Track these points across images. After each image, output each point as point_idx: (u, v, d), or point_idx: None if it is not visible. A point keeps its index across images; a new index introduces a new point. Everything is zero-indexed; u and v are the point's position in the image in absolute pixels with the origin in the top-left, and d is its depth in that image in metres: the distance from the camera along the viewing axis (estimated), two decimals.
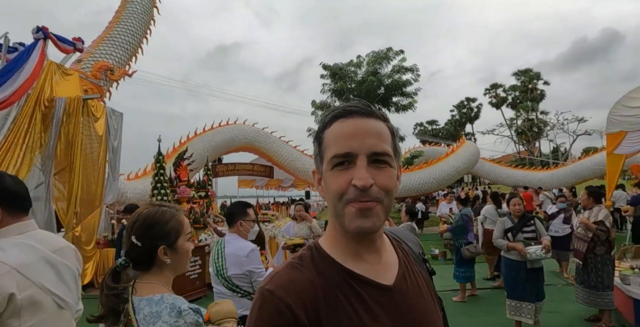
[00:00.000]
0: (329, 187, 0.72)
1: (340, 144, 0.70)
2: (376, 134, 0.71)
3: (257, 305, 0.68)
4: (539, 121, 37.84)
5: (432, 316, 0.79)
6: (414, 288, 0.79)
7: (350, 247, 0.75)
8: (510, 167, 21.35)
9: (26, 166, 6.09)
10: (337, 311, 0.68)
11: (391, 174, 0.71)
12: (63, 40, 7.27)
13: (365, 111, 0.73)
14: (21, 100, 6.19)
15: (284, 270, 0.73)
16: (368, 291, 0.72)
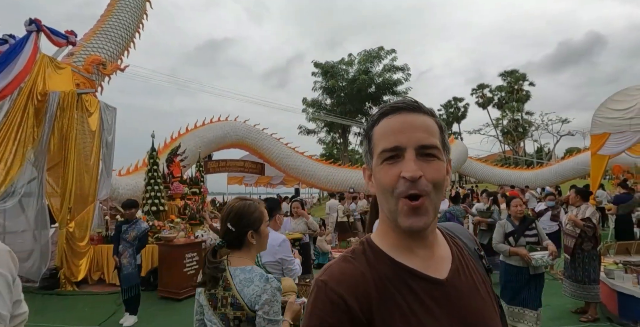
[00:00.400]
0: (379, 181, 0.73)
1: (388, 138, 0.72)
2: (423, 127, 0.73)
3: (312, 295, 0.70)
4: (524, 121, 38.60)
5: (488, 313, 0.77)
6: (468, 284, 0.78)
7: (402, 241, 0.75)
8: (497, 167, 21.78)
9: (18, 161, 6.00)
10: (389, 304, 0.68)
11: (440, 166, 0.72)
12: (56, 33, 7.15)
13: (413, 106, 0.75)
14: (14, 93, 6.08)
15: (336, 263, 0.74)
16: (421, 284, 0.72)
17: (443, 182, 0.72)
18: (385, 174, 0.71)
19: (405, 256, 0.74)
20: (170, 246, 5.88)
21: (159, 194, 7.99)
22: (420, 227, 0.70)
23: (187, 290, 5.73)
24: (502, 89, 40.40)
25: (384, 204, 0.74)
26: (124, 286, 4.66)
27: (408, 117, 0.73)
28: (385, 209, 0.75)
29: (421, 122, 0.73)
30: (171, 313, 5.12)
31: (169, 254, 5.87)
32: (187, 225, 6.98)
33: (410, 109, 0.74)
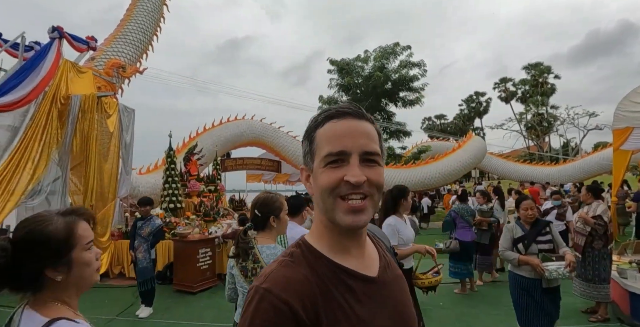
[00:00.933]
0: (320, 183, 0.74)
1: (334, 142, 0.73)
2: (367, 134, 0.75)
3: (253, 303, 0.69)
4: (549, 116, 37.37)
5: (409, 303, 0.87)
6: (392, 279, 0.85)
7: (338, 241, 0.78)
8: (518, 163, 21.24)
9: (44, 161, 6.36)
10: (332, 305, 0.70)
11: (381, 171, 0.76)
12: (77, 39, 7.50)
13: (358, 113, 0.77)
14: (39, 98, 6.44)
15: (277, 268, 0.74)
16: (357, 283, 0.75)
17: (383, 185, 0.76)
18: (327, 176, 0.73)
19: (341, 256, 0.77)
20: (185, 241, 6.12)
21: (176, 191, 8.29)
22: (360, 225, 0.73)
23: (201, 284, 5.97)
24: (526, 83, 39.26)
25: (322, 204, 0.75)
26: (139, 279, 4.91)
27: (354, 123, 0.75)
28: (322, 209, 0.76)
29: (365, 128, 0.76)
30: (185, 306, 5.35)
31: (183, 249, 6.11)
32: (201, 222, 7.22)
33: (355, 115, 0.77)
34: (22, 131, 6.22)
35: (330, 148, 0.73)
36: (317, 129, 0.77)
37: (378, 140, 0.78)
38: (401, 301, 0.83)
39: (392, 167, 15.97)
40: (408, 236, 3.33)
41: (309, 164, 0.79)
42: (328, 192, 0.72)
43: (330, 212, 0.74)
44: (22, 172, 5.97)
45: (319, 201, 0.76)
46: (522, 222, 3.52)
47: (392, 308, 0.79)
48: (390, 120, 20.30)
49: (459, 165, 15.18)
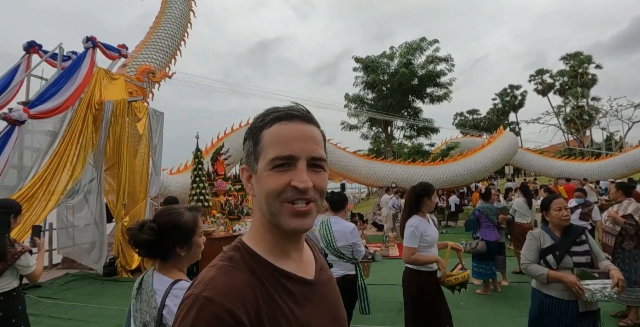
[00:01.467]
0: (266, 186, 0.72)
1: (282, 146, 0.72)
2: (315, 139, 0.75)
3: (192, 313, 0.64)
4: (589, 108, 35.32)
5: (341, 305, 0.89)
6: (328, 281, 0.88)
7: (279, 245, 0.77)
8: (554, 158, 20.30)
9: (81, 163, 6.82)
10: (274, 310, 0.70)
11: (325, 177, 0.77)
12: (109, 47, 7.96)
13: (306, 117, 0.76)
14: (75, 104, 6.91)
15: (218, 275, 0.70)
16: (297, 286, 0.76)
17: (326, 191, 0.78)
18: (274, 180, 0.71)
19: (281, 259, 0.77)
20: (210, 239, 6.36)
21: (204, 190, 8.61)
22: (304, 229, 0.74)
23: None
24: (565, 74, 37.30)
25: (266, 207, 0.74)
26: None
27: (302, 127, 0.75)
28: (266, 212, 0.74)
29: (313, 133, 0.76)
30: None
31: (208, 246, 6.32)
32: (226, 220, 7.47)
33: (304, 119, 0.76)
34: (60, 136, 6.69)
35: (277, 152, 0.72)
36: (263, 129, 0.75)
37: (324, 145, 0.78)
38: (334, 302, 0.86)
39: (420, 164, 15.75)
40: (432, 236, 3.12)
41: (251, 164, 0.77)
42: (274, 196, 0.71)
43: (275, 216, 0.73)
44: (62, 174, 6.43)
45: (263, 203, 0.74)
46: (552, 227, 2.79)
47: (327, 309, 0.81)
48: (417, 117, 19.97)
49: (489, 161, 14.74)
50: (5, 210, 2.59)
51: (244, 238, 0.81)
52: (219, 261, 0.76)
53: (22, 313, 2.64)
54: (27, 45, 7.74)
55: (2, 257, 2.47)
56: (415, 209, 3.16)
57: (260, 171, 0.74)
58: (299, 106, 0.79)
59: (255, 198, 0.77)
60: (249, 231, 0.83)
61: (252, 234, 0.81)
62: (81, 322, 4.68)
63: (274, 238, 0.77)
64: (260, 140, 0.75)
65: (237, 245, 0.79)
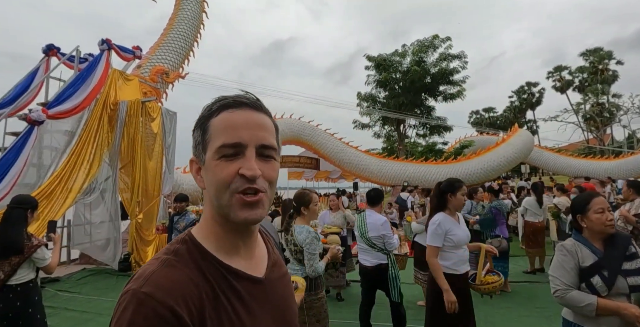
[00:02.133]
0: (214, 176, 0.70)
1: (229, 133, 0.70)
2: (265, 127, 0.73)
3: (130, 309, 0.60)
4: (610, 105, 34.33)
5: (293, 302, 0.87)
6: (280, 277, 0.84)
7: (228, 240, 0.74)
8: (572, 157, 19.85)
9: (97, 162, 7.04)
10: (218, 309, 0.67)
11: (276, 166, 0.74)
12: (124, 49, 8.17)
13: (255, 104, 0.74)
14: (91, 104, 7.13)
15: (160, 269, 0.66)
16: (244, 285, 0.73)
17: (276, 181, 0.75)
18: (222, 170, 0.69)
19: (229, 256, 0.74)
20: None
21: None
22: (255, 220, 0.71)
23: None
24: (584, 70, 36.35)
25: (215, 199, 0.71)
26: None
27: (251, 114, 0.73)
28: (215, 204, 0.72)
29: (262, 121, 0.74)
30: None
31: None
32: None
33: (253, 106, 0.74)
34: (77, 135, 6.92)
35: (225, 139, 0.70)
36: (211, 118, 0.73)
37: (275, 134, 0.77)
38: (285, 300, 0.83)
39: (432, 163, 15.63)
40: (460, 237, 2.89)
41: (200, 155, 0.74)
42: (224, 186, 0.69)
43: (224, 208, 0.70)
44: (79, 172, 6.65)
45: (213, 195, 0.71)
46: (590, 236, 2.05)
47: (276, 309, 0.78)
48: (430, 116, 19.80)
49: (503, 160, 14.53)
50: (22, 205, 2.73)
51: (193, 231, 0.77)
52: (163, 254, 0.71)
53: (38, 303, 2.78)
54: (46, 48, 8.03)
55: (19, 250, 2.62)
56: (440, 206, 3.01)
57: (209, 161, 0.71)
58: (248, 94, 0.77)
59: (205, 190, 0.74)
60: (198, 224, 0.79)
61: (201, 228, 0.77)
62: (96, 315, 4.85)
63: (224, 232, 0.74)
64: (207, 130, 0.73)
65: (185, 238, 0.75)
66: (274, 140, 0.74)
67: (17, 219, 2.68)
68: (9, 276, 2.61)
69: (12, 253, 2.61)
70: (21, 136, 6.04)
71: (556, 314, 2.37)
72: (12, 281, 2.63)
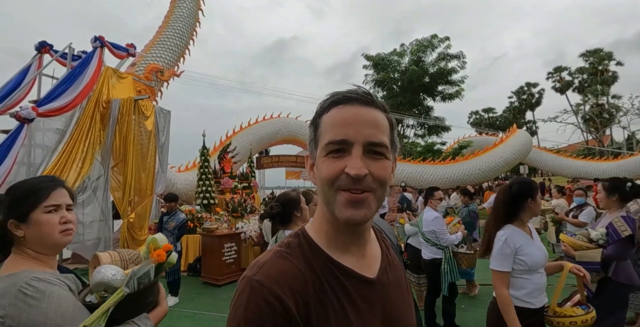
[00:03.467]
0: (320, 173, 0.70)
1: (336, 130, 0.68)
2: (374, 123, 0.69)
3: (244, 295, 0.65)
4: (610, 106, 34.27)
5: (409, 308, 0.82)
6: (395, 281, 0.80)
7: (338, 237, 0.74)
8: (571, 158, 19.78)
9: (89, 160, 6.94)
10: (324, 303, 0.67)
11: (387, 165, 0.70)
12: (117, 47, 8.08)
13: (366, 99, 0.71)
14: (83, 102, 7.04)
15: (272, 259, 0.70)
16: (353, 283, 0.71)
17: (388, 180, 0.70)
18: (328, 167, 0.68)
19: (340, 252, 0.73)
20: (212, 236, 6.43)
21: (210, 188, 8.70)
22: (359, 219, 0.67)
23: (226, 277, 6.23)
24: (584, 71, 36.28)
25: (322, 196, 0.71)
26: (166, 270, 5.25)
27: (360, 110, 0.70)
28: (323, 201, 0.72)
29: (373, 117, 0.70)
30: (209, 297, 5.63)
31: (210, 243, 6.43)
32: (230, 217, 7.52)
33: (363, 102, 0.70)
34: (69, 133, 6.83)
35: (331, 136, 0.68)
36: (322, 114, 0.73)
37: (388, 131, 0.72)
38: (398, 305, 0.78)
39: (430, 163, 15.56)
40: (536, 258, 2.13)
41: (312, 152, 0.75)
42: (328, 183, 0.68)
43: (329, 205, 0.70)
44: (70, 171, 6.56)
45: (320, 192, 0.72)
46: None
47: (387, 313, 0.74)
48: (428, 116, 19.72)
49: (501, 161, 14.47)
50: None
51: (307, 226, 0.79)
52: (277, 246, 0.75)
53: None
54: (39, 45, 7.94)
55: None
56: (510, 216, 2.26)
57: (318, 158, 0.72)
58: (360, 88, 0.74)
59: (317, 187, 0.74)
60: (313, 220, 0.80)
61: (314, 224, 0.78)
62: None
63: (333, 230, 0.74)
64: (319, 126, 0.73)
65: (297, 232, 0.78)
66: (385, 138, 0.70)
67: None
68: None
69: None
70: (10, 134, 5.95)
71: None
72: None
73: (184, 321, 4.63)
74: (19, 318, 1.03)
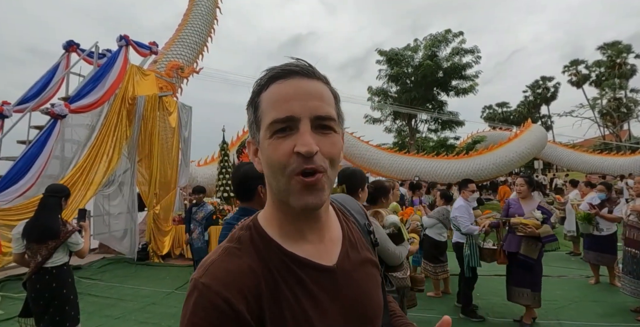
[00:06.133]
0: (269, 158, 0.64)
1: (279, 107, 0.63)
2: (319, 96, 0.65)
3: (191, 299, 0.61)
4: (628, 100, 33.52)
5: (375, 293, 0.76)
6: (358, 263, 0.75)
7: (293, 225, 0.69)
8: (586, 153, 19.59)
9: (116, 155, 7.28)
10: (278, 300, 0.63)
11: (337, 140, 0.65)
12: (141, 45, 8.37)
13: (307, 71, 0.66)
14: (110, 99, 7.36)
15: (221, 258, 0.65)
16: (310, 274, 0.67)
17: (338, 157, 0.66)
18: (275, 149, 0.62)
19: (295, 242, 0.69)
20: None
21: (229, 181, 8.97)
22: (316, 205, 0.64)
23: None
24: (601, 64, 35.49)
25: (273, 183, 0.65)
26: (196, 257, 5.57)
27: (302, 82, 0.65)
28: (274, 189, 0.67)
29: (317, 89, 0.65)
30: None
31: None
32: None
33: (304, 74, 0.66)
34: (97, 129, 7.16)
35: (275, 114, 0.63)
36: (261, 93, 0.67)
37: (334, 103, 0.68)
38: (363, 292, 0.73)
39: (444, 158, 15.62)
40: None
41: (255, 135, 0.69)
42: (279, 169, 0.62)
43: (282, 193, 0.64)
44: (99, 165, 6.90)
45: (269, 178, 0.67)
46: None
47: (349, 301, 0.69)
48: (442, 110, 19.71)
49: (515, 155, 14.45)
50: (56, 194, 2.94)
51: (259, 216, 0.74)
52: (227, 241, 0.70)
53: (72, 285, 2.99)
54: (67, 44, 8.26)
55: (56, 235, 2.82)
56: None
57: (262, 141, 0.66)
58: (299, 61, 0.68)
59: (264, 173, 0.68)
60: (264, 208, 0.75)
61: (265, 213, 0.73)
62: (117, 300, 5.09)
63: (286, 218, 0.69)
64: (258, 106, 0.67)
65: (249, 224, 0.72)
66: (332, 110, 0.65)
67: (53, 207, 2.88)
68: (45, 259, 2.81)
69: (49, 238, 2.81)
70: (45, 130, 6.29)
71: None
72: (48, 263, 2.83)
73: None
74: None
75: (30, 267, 2.84)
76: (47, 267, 2.83)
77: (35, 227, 2.82)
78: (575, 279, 5.85)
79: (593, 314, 4.43)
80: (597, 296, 5.01)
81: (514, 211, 4.28)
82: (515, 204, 4.37)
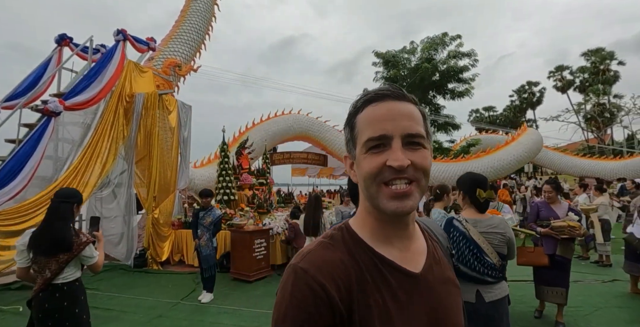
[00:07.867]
0: (362, 170, 0.72)
1: (374, 127, 0.70)
2: (409, 116, 0.72)
3: (289, 281, 0.67)
4: (611, 106, 34.40)
5: (456, 310, 0.79)
6: (442, 279, 0.79)
7: (382, 231, 0.75)
8: (577, 157, 19.85)
9: (112, 156, 6.84)
10: (366, 294, 0.68)
11: (426, 154, 0.72)
12: (139, 40, 7.96)
13: (398, 94, 0.74)
14: (107, 96, 6.93)
15: (316, 249, 0.72)
16: (396, 277, 0.72)
17: (429, 169, 0.72)
18: (369, 163, 0.70)
19: (383, 246, 0.74)
20: (242, 232, 6.35)
21: (230, 184, 8.61)
22: (405, 211, 0.69)
23: (257, 273, 6.16)
24: (585, 70, 36.28)
25: (365, 191, 0.73)
26: (204, 265, 5.17)
27: (394, 104, 0.72)
28: (366, 196, 0.74)
29: (407, 110, 0.73)
30: (243, 293, 5.57)
31: (240, 239, 6.35)
32: (255, 213, 7.45)
33: (395, 97, 0.73)
34: (93, 128, 6.73)
35: (370, 133, 0.71)
36: (357, 114, 0.75)
37: (422, 121, 0.74)
38: (445, 304, 0.76)
39: (441, 161, 15.55)
40: None
41: (351, 151, 0.77)
42: (371, 178, 0.70)
43: (374, 199, 0.71)
44: (94, 166, 6.46)
45: (363, 188, 0.74)
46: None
47: (430, 309, 0.73)
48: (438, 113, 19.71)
49: (513, 159, 14.47)
50: (69, 199, 2.55)
51: (350, 221, 0.81)
52: (321, 237, 0.77)
53: (85, 304, 2.61)
54: (59, 38, 7.79)
55: (68, 247, 2.45)
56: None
57: (358, 156, 0.74)
58: (391, 85, 0.76)
59: (359, 184, 0.76)
60: (355, 215, 0.82)
61: (357, 219, 0.80)
62: (120, 313, 4.69)
63: (377, 223, 0.75)
64: (355, 126, 0.75)
65: (341, 225, 0.80)
66: (420, 128, 0.72)
67: (65, 214, 2.49)
68: (55, 274, 2.44)
69: (61, 250, 2.43)
70: (38, 128, 5.84)
71: None
72: (59, 279, 2.46)
73: (224, 318, 4.55)
74: None
75: (37, 284, 2.45)
76: (57, 284, 2.45)
77: (44, 238, 2.43)
78: (592, 285, 5.83)
79: (621, 320, 4.37)
80: (619, 302, 4.97)
81: (546, 214, 4.27)
82: (545, 208, 4.31)
